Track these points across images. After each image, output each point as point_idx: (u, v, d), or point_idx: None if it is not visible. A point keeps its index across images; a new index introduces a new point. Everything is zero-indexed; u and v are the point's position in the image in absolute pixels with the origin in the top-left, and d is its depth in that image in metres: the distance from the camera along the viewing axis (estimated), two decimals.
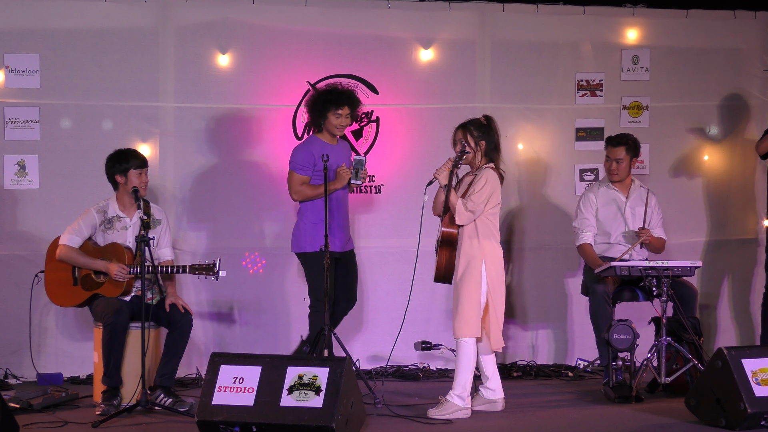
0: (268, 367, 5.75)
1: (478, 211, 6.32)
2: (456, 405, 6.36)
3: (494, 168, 6.43)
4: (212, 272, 6.61)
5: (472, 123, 6.50)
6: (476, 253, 6.34)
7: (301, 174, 7.08)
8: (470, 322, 6.33)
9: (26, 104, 7.52)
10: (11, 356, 7.44)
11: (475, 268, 6.33)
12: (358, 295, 7.78)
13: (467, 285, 6.33)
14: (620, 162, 7.33)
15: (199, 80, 7.69)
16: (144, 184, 6.77)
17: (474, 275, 6.33)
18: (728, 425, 6.00)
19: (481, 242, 6.36)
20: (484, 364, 6.56)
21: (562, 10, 8.19)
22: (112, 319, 6.52)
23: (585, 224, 7.41)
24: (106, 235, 6.77)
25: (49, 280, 6.87)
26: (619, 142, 7.34)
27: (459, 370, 6.38)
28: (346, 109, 7.06)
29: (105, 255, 6.74)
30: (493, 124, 6.50)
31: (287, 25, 7.82)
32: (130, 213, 6.82)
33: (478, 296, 6.34)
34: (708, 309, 8.36)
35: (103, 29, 7.57)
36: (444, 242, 6.34)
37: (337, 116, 7.05)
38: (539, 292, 8.21)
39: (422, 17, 8.02)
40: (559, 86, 8.22)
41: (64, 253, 6.73)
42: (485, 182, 6.34)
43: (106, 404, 6.45)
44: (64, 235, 6.75)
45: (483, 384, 6.59)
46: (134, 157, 6.78)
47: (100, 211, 6.80)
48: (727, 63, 8.40)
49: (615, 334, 6.73)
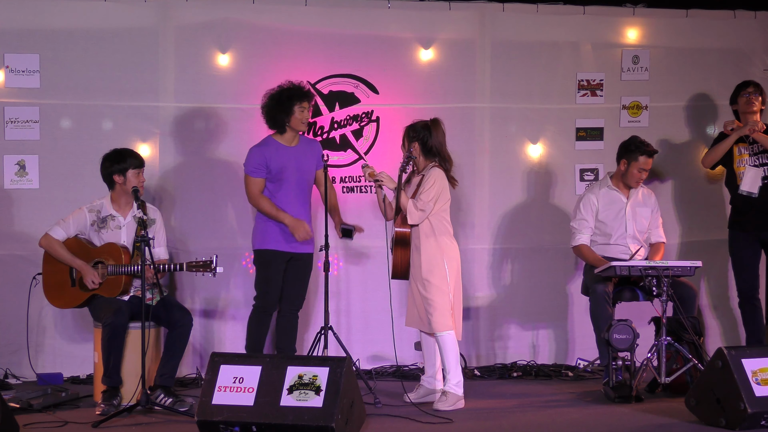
0: (268, 367, 5.75)
1: (428, 209, 6.63)
2: (457, 395, 6.64)
3: (440, 167, 6.69)
4: (209, 269, 6.61)
5: (413, 124, 6.79)
6: (436, 251, 6.67)
7: (254, 177, 7.01)
8: (446, 315, 6.63)
9: (26, 104, 7.52)
10: (11, 356, 7.44)
11: (438, 265, 6.66)
12: (358, 295, 7.81)
13: (435, 282, 6.64)
14: (648, 171, 7.38)
15: (199, 80, 7.69)
16: (141, 184, 6.80)
17: (439, 272, 6.65)
18: (728, 425, 6.00)
19: (439, 240, 6.69)
20: (434, 354, 6.83)
21: (562, 10, 8.19)
22: (111, 319, 6.53)
23: (583, 225, 7.41)
24: (101, 235, 6.78)
25: (47, 282, 6.87)
26: (652, 152, 7.35)
27: (449, 363, 6.62)
28: (306, 103, 7.05)
29: (101, 255, 6.74)
30: (434, 127, 6.74)
31: (287, 25, 7.82)
32: (124, 212, 6.82)
33: (447, 291, 6.65)
34: (708, 309, 8.37)
35: (103, 29, 7.57)
36: (398, 242, 6.69)
37: (302, 109, 7.01)
38: (539, 292, 8.20)
39: (422, 17, 8.02)
40: (559, 86, 8.22)
41: (45, 242, 6.79)
42: (433, 182, 6.64)
43: (106, 404, 6.45)
44: (52, 227, 6.81)
45: (426, 374, 6.88)
46: (133, 157, 6.80)
47: (92, 210, 6.81)
48: (727, 63, 8.40)
49: (615, 334, 6.73)
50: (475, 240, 8.06)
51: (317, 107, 7.86)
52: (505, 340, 8.18)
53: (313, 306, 7.76)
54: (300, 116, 7.02)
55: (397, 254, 6.71)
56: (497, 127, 8.13)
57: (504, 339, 8.18)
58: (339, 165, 7.89)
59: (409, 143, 6.73)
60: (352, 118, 7.94)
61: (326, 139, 7.91)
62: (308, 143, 7.24)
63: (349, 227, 7.11)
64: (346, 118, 7.93)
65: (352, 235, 7.13)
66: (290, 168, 7.04)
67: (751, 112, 7.66)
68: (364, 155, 7.92)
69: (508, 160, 8.18)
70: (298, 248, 7.08)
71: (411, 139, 6.73)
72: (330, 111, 7.91)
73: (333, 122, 7.92)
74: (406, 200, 6.61)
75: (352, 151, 7.95)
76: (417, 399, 6.77)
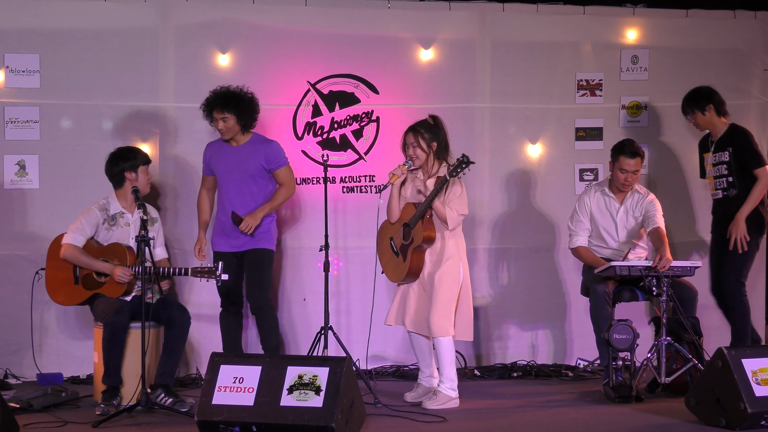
0: (268, 367, 5.75)
1: (466, 213, 6.66)
2: (448, 396, 6.60)
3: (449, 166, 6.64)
4: (214, 275, 6.62)
5: (421, 125, 6.73)
6: (454, 254, 6.64)
7: (203, 173, 7.27)
8: (450, 320, 6.60)
9: (26, 104, 7.51)
10: (11, 356, 7.44)
11: (454, 267, 6.63)
12: (359, 295, 7.80)
13: (447, 285, 6.60)
14: (636, 173, 7.27)
15: (199, 80, 7.68)
16: (149, 180, 6.87)
17: (454, 275, 6.62)
18: (728, 425, 6.00)
19: (458, 242, 6.69)
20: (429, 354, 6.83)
21: (562, 10, 8.19)
22: (112, 319, 6.53)
23: (579, 227, 7.40)
24: (109, 233, 6.78)
25: (49, 278, 6.87)
26: (634, 153, 7.20)
27: (444, 366, 6.63)
28: (223, 113, 7.04)
29: (106, 255, 6.74)
30: (440, 124, 6.73)
31: (287, 25, 7.82)
32: (131, 210, 6.85)
33: (455, 296, 6.63)
34: (708, 309, 8.37)
35: (103, 29, 7.57)
36: (424, 244, 6.59)
37: (218, 120, 7.07)
38: (539, 292, 8.20)
39: (422, 17, 8.02)
40: (559, 86, 8.22)
41: (69, 253, 6.72)
42: (461, 186, 6.64)
43: (106, 404, 6.45)
44: (68, 235, 6.75)
45: (424, 374, 6.86)
46: (142, 154, 6.90)
47: (101, 209, 6.81)
48: (727, 63, 8.40)
49: (615, 334, 6.74)
50: (474, 240, 8.06)
51: (317, 107, 7.87)
52: (504, 340, 8.18)
53: (313, 306, 7.76)
54: (217, 127, 7.10)
55: (415, 257, 6.61)
56: (497, 127, 8.14)
57: (504, 339, 8.18)
58: (339, 165, 7.89)
59: (427, 144, 6.66)
60: (352, 118, 7.94)
61: (326, 139, 7.91)
62: (256, 143, 7.19)
63: (239, 217, 7.06)
64: (346, 118, 7.94)
65: (239, 224, 7.04)
66: (227, 167, 7.11)
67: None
68: (364, 155, 7.92)
69: (508, 160, 8.18)
70: (236, 247, 7.10)
71: (429, 140, 6.66)
72: (330, 111, 7.92)
73: (333, 122, 7.92)
74: (443, 206, 6.55)
75: (352, 151, 7.95)
76: (416, 398, 6.78)
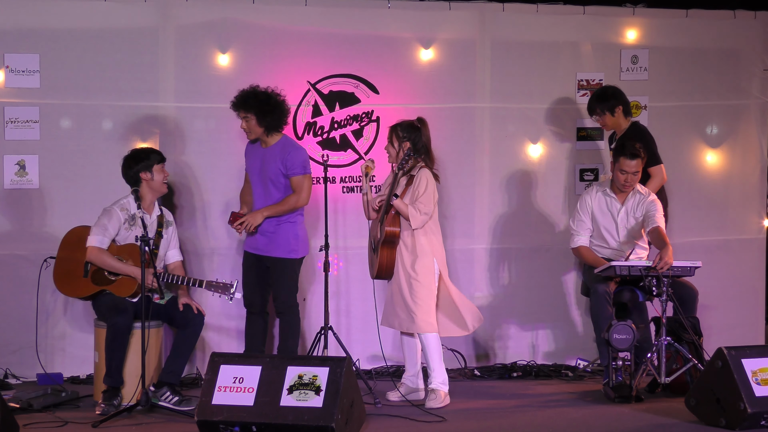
0: (268, 366, 5.76)
1: (431, 212, 6.67)
2: (444, 392, 6.72)
3: (426, 167, 6.73)
4: (228, 292, 6.62)
5: (400, 124, 6.83)
6: (427, 251, 6.68)
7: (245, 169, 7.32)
8: (431, 315, 6.67)
9: (26, 104, 7.51)
10: (11, 356, 7.44)
11: (428, 265, 6.68)
12: (359, 295, 7.80)
13: (425, 282, 6.66)
14: (636, 174, 7.26)
15: (199, 80, 7.68)
16: (165, 178, 6.87)
17: (429, 273, 6.67)
18: (728, 425, 6.01)
19: (430, 238, 6.71)
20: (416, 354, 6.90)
21: (562, 10, 8.20)
22: (115, 320, 6.53)
23: (581, 227, 7.39)
24: (128, 233, 6.77)
25: (58, 268, 6.87)
26: (634, 154, 7.15)
27: (433, 362, 6.71)
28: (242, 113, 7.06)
29: (122, 254, 6.74)
30: (423, 127, 6.80)
31: (287, 25, 7.82)
32: (149, 211, 6.84)
33: (434, 292, 6.69)
34: (708, 309, 8.36)
35: (103, 29, 7.57)
36: (386, 241, 6.67)
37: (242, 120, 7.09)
38: (539, 292, 8.20)
39: (422, 17, 8.02)
40: (559, 86, 8.22)
41: (94, 256, 6.71)
42: (426, 184, 6.66)
43: (106, 404, 6.45)
44: (92, 237, 6.73)
45: (408, 373, 6.94)
46: (155, 153, 6.92)
47: (122, 208, 6.80)
48: (727, 63, 8.40)
49: (615, 334, 6.74)
50: (474, 240, 8.06)
51: (317, 107, 7.87)
52: (504, 340, 8.18)
53: (313, 306, 7.76)
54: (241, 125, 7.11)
55: (384, 254, 6.70)
56: (497, 127, 8.14)
57: (504, 339, 8.18)
58: (339, 165, 7.89)
59: (399, 143, 6.76)
60: (352, 118, 7.94)
61: (326, 139, 7.91)
62: (280, 147, 7.14)
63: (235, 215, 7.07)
64: (346, 118, 7.94)
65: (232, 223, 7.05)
66: (255, 167, 7.13)
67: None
68: (364, 155, 7.92)
69: (508, 160, 8.18)
70: (256, 249, 7.09)
71: (401, 139, 6.76)
72: (330, 111, 7.92)
73: (333, 122, 7.92)
74: (405, 205, 6.63)
75: (352, 151, 7.95)
76: (400, 397, 6.82)
